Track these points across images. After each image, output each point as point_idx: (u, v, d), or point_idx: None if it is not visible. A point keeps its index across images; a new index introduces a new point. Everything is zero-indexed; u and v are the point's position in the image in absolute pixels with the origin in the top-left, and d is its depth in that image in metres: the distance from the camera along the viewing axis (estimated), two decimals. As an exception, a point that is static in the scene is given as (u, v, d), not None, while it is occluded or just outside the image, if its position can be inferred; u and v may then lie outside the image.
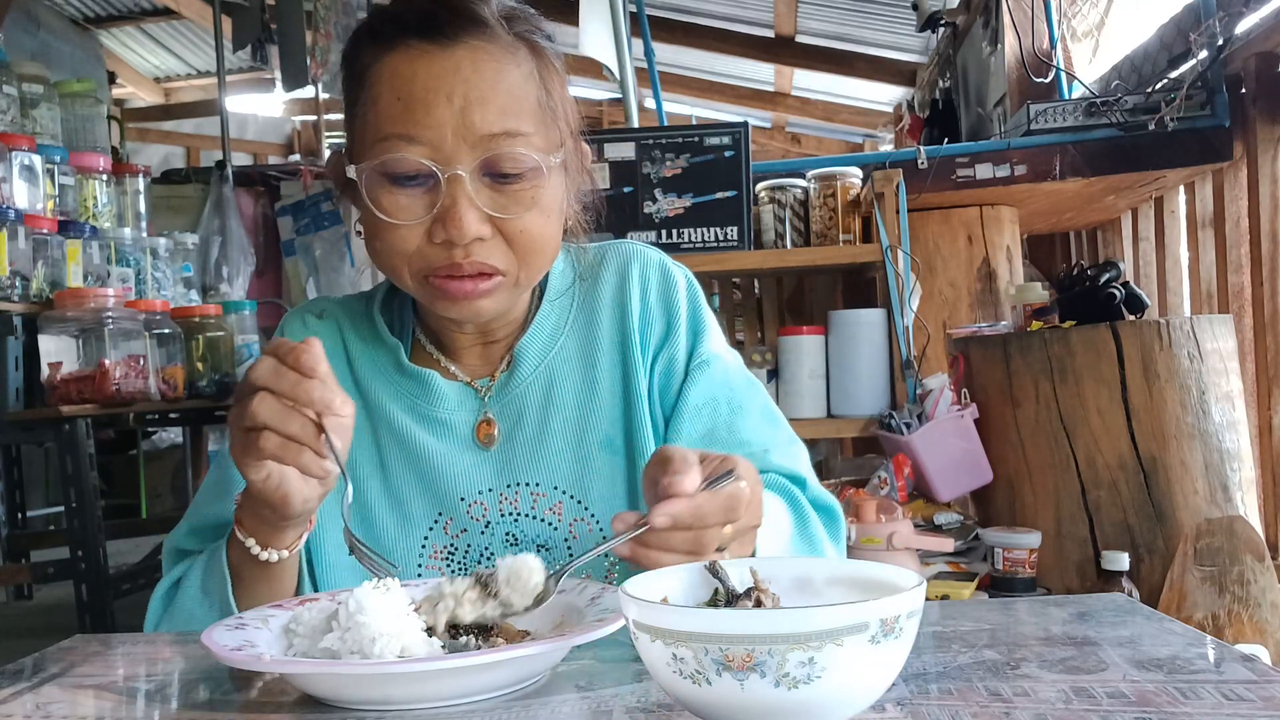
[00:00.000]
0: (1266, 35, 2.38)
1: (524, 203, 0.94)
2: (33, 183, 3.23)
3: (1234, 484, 2.09)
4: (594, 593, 0.78)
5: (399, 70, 0.93)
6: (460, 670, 0.64)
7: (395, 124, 0.92)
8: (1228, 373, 2.13)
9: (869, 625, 0.54)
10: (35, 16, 5.78)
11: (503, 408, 1.04)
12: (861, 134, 7.38)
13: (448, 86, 0.91)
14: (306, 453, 0.81)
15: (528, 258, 0.96)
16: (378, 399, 1.06)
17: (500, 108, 0.92)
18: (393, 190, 0.93)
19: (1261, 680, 0.62)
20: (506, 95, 0.93)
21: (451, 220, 0.91)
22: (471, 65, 0.92)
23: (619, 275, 1.09)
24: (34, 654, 0.84)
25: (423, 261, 0.94)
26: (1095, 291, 2.22)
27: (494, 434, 1.04)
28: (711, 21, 6.12)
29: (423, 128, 0.91)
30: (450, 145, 0.91)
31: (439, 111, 0.91)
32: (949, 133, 3.91)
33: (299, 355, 0.81)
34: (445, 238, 0.92)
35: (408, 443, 1.04)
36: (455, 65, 0.92)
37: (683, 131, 2.67)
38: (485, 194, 0.93)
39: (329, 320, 1.11)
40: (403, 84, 0.93)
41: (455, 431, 1.04)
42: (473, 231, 0.92)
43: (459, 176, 0.91)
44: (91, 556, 3.08)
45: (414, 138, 0.91)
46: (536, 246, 0.96)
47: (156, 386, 3.37)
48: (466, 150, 0.92)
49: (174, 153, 7.99)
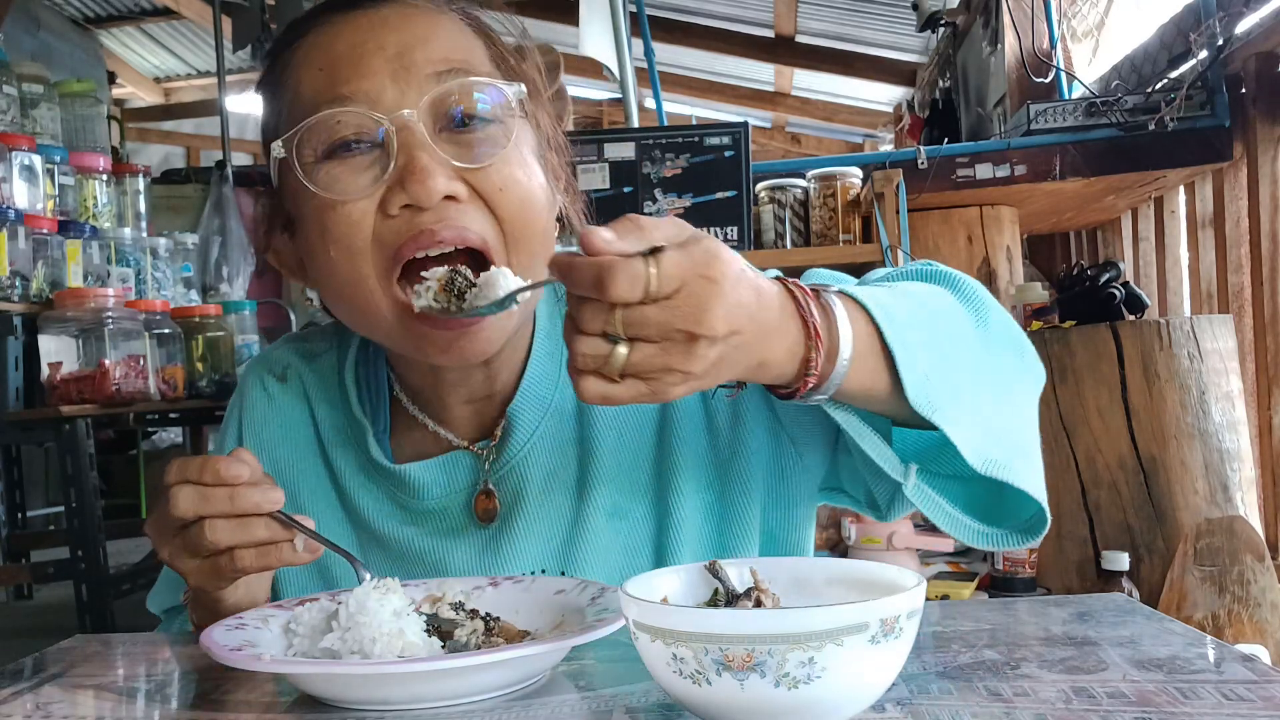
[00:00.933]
0: (1266, 35, 2.38)
1: (493, 144, 0.78)
2: (33, 183, 3.23)
3: (1234, 484, 2.09)
4: (594, 593, 0.78)
5: (317, 44, 0.79)
6: (460, 670, 0.64)
7: (321, 93, 0.77)
8: (1228, 373, 2.13)
9: (869, 625, 0.53)
10: (35, 16, 5.77)
11: (501, 479, 0.88)
12: (861, 134, 7.38)
13: (377, 38, 0.77)
14: (285, 549, 0.74)
15: (516, 227, 0.78)
16: (352, 491, 0.90)
17: (444, 46, 0.79)
18: (328, 166, 0.77)
19: (1261, 680, 0.62)
20: (450, 37, 0.80)
21: (412, 177, 0.74)
22: (401, 15, 0.79)
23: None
24: (34, 654, 0.84)
25: (389, 241, 0.76)
26: (1095, 291, 2.22)
27: (493, 508, 0.88)
28: (711, 21, 6.12)
29: (355, 83, 0.76)
30: (391, 94, 0.76)
31: (371, 61, 0.76)
32: (949, 133, 3.91)
33: (218, 471, 0.72)
34: (407, 201, 0.75)
35: (392, 543, 0.90)
36: (382, 19, 0.79)
37: (683, 131, 2.67)
38: (446, 148, 0.77)
39: (293, 383, 0.94)
40: (322, 53, 0.79)
41: (448, 521, 0.89)
42: (441, 187, 0.74)
43: (408, 124, 0.75)
44: (91, 556, 3.07)
45: (346, 97, 0.76)
46: (523, 210, 0.79)
47: (156, 386, 3.37)
48: (413, 94, 0.76)
49: (174, 153, 7.99)
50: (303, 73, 0.79)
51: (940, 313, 0.74)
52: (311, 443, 0.93)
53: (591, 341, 0.59)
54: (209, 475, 0.73)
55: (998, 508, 0.77)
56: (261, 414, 0.94)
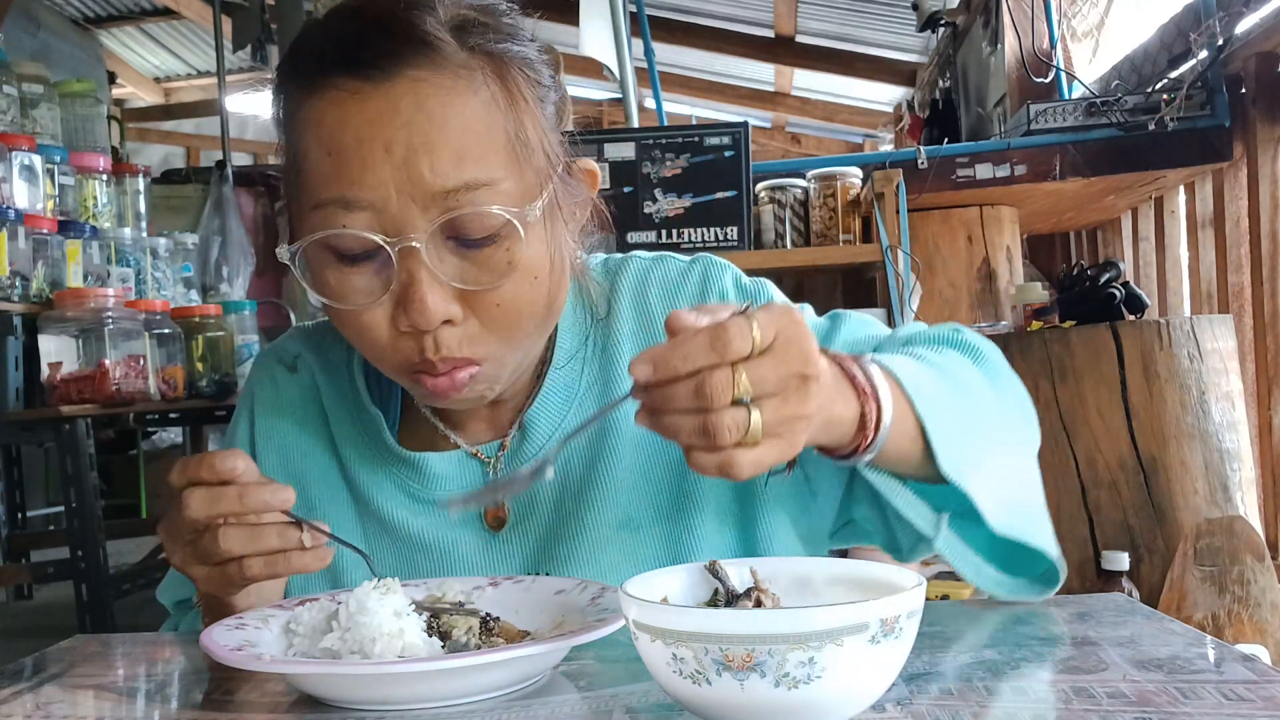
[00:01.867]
0: (1266, 35, 2.38)
1: (498, 269, 0.76)
2: (33, 183, 3.23)
3: (1234, 484, 2.09)
4: (594, 593, 0.78)
5: (325, 119, 0.75)
6: (460, 670, 0.64)
7: (328, 186, 0.75)
8: (1228, 373, 2.13)
9: (869, 625, 0.53)
10: (35, 16, 5.78)
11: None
12: (861, 134, 7.38)
13: (385, 135, 0.73)
14: (295, 558, 0.75)
15: (510, 334, 0.79)
16: (362, 482, 0.91)
17: (455, 154, 0.74)
18: (340, 270, 0.77)
19: (1261, 680, 0.62)
20: (462, 136, 0.75)
21: (411, 303, 0.74)
22: (414, 103, 0.74)
23: (635, 295, 0.92)
24: (34, 654, 0.84)
25: (398, 356, 0.79)
26: (1095, 291, 2.22)
27: (503, 516, 0.88)
28: (711, 21, 6.12)
29: (360, 188, 0.74)
30: (396, 208, 0.74)
31: (378, 168, 0.73)
32: (949, 133, 3.91)
33: (218, 466, 0.72)
34: (408, 325, 0.76)
35: (400, 532, 0.90)
36: (393, 106, 0.74)
37: (683, 131, 2.67)
38: (451, 262, 0.76)
39: (303, 373, 0.95)
40: (329, 135, 0.75)
41: (458, 515, 0.90)
42: (439, 313, 0.75)
43: (412, 249, 0.74)
44: (91, 556, 3.08)
45: (352, 202, 0.74)
46: (518, 320, 0.79)
47: (156, 386, 3.37)
48: (418, 212, 0.74)
49: (174, 153, 7.99)
50: (311, 143, 0.77)
51: (963, 383, 0.79)
52: (321, 433, 0.93)
53: (730, 413, 0.60)
54: (213, 473, 0.73)
55: (1014, 559, 0.81)
56: (271, 404, 0.95)
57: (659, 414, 0.62)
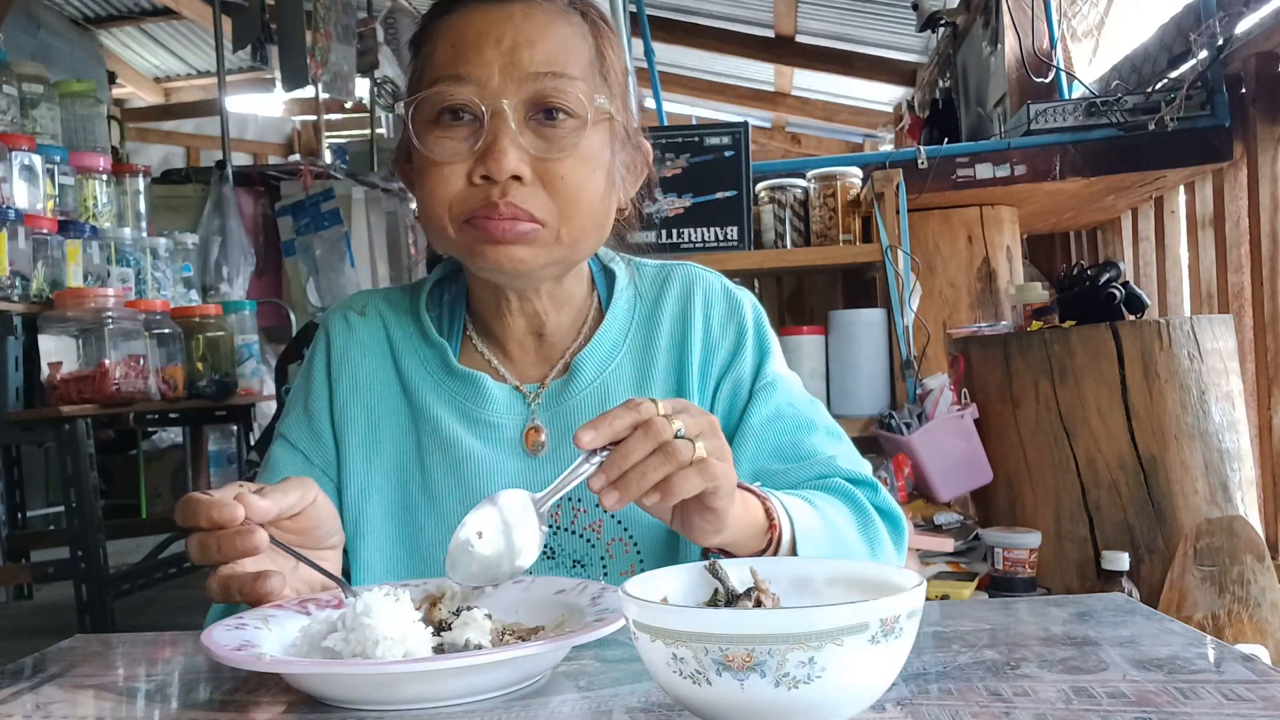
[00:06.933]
0: (1266, 35, 2.38)
1: (565, 145, 0.94)
2: (33, 183, 3.23)
3: (1234, 484, 2.08)
4: (594, 593, 0.78)
5: (454, 24, 0.96)
6: (460, 670, 0.64)
7: (446, 67, 0.94)
8: (1228, 373, 2.13)
9: (869, 625, 0.54)
10: (35, 16, 5.78)
11: (552, 416, 1.02)
12: (861, 134, 7.38)
13: (498, 31, 0.94)
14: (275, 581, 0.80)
15: (567, 209, 0.94)
16: (423, 399, 1.04)
17: (549, 52, 0.94)
18: (438, 131, 0.94)
19: (1261, 680, 0.62)
20: (557, 44, 0.95)
21: (491, 155, 0.91)
22: (525, 15, 0.95)
23: (682, 300, 1.08)
24: (34, 654, 0.84)
25: (462, 206, 0.94)
26: (1095, 291, 2.22)
27: (542, 441, 1.02)
28: (711, 21, 6.12)
29: (471, 66, 0.93)
30: (496, 83, 0.93)
31: (488, 52, 0.93)
32: (949, 133, 3.91)
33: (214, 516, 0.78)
34: (484, 173, 0.92)
35: (452, 445, 1.02)
36: (508, 15, 0.95)
37: (683, 131, 2.67)
38: (528, 135, 0.93)
39: (371, 317, 1.09)
40: (456, 33, 0.96)
41: (503, 436, 1.02)
42: (510, 167, 0.91)
43: (502, 111, 0.92)
44: (91, 556, 3.08)
45: (462, 77, 0.93)
46: (576, 197, 0.94)
47: (156, 386, 3.38)
48: (513, 87, 0.93)
49: (174, 153, 7.99)
50: (439, 43, 0.97)
51: (841, 538, 0.95)
52: (386, 358, 1.07)
53: (679, 441, 0.75)
54: (210, 522, 0.79)
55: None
56: (343, 342, 1.09)
57: (623, 476, 0.74)
